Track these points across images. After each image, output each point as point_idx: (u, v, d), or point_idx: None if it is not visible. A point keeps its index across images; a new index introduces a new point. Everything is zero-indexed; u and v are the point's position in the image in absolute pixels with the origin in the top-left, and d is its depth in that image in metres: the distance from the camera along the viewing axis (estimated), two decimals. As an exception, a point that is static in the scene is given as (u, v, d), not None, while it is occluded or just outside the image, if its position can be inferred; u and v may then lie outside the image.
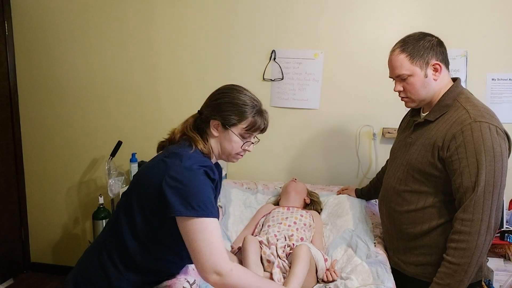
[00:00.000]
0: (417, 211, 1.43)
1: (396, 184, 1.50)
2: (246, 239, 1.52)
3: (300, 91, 2.38)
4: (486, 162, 1.25)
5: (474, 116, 1.29)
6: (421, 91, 1.40)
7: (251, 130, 1.21)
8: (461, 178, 1.28)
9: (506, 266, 2.01)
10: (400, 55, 1.39)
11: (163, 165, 1.11)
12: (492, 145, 1.25)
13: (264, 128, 1.24)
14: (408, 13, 2.20)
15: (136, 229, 1.13)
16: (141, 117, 2.61)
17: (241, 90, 1.22)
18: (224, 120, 1.18)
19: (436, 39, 1.41)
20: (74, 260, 3.06)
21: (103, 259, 1.16)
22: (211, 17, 2.42)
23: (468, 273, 1.26)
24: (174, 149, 1.16)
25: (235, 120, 1.18)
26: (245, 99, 1.20)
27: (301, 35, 2.33)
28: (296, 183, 2.14)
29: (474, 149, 1.26)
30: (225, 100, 1.19)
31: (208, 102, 1.24)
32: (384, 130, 2.29)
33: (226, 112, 1.18)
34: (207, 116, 1.20)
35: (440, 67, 1.39)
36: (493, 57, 2.15)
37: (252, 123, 1.19)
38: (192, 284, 1.26)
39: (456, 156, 1.29)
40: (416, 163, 1.41)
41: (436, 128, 1.38)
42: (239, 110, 1.18)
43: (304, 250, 1.45)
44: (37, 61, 2.68)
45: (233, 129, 1.19)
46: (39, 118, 2.75)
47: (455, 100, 1.38)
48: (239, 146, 1.21)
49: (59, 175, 2.79)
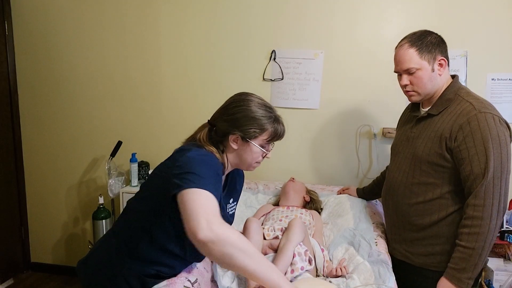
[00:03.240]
0: (425, 203, 1.48)
1: (403, 177, 1.54)
2: (248, 219, 1.54)
3: (300, 91, 2.38)
4: (494, 149, 1.31)
5: (479, 108, 1.35)
6: (428, 85, 1.45)
7: (273, 139, 1.24)
8: (470, 166, 1.33)
9: (506, 266, 2.01)
10: (409, 50, 1.43)
11: (173, 158, 1.15)
12: (497, 134, 1.32)
13: (283, 134, 1.26)
14: (408, 13, 2.21)
15: (144, 217, 1.17)
16: (141, 117, 2.62)
17: (254, 100, 1.22)
18: (244, 134, 1.19)
19: (439, 37, 1.47)
20: (74, 260, 3.08)
21: (110, 244, 1.21)
22: (211, 17, 2.42)
23: (482, 256, 1.31)
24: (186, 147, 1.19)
25: (257, 133, 1.19)
26: (262, 111, 1.20)
27: (301, 35, 2.34)
28: (294, 182, 2.14)
29: (482, 138, 1.32)
30: (242, 114, 1.19)
31: (223, 116, 1.22)
32: (384, 130, 2.29)
33: (245, 127, 1.18)
34: (225, 131, 1.20)
35: (445, 63, 1.45)
36: (493, 57, 2.16)
37: (273, 132, 1.22)
38: (193, 283, 1.25)
39: (465, 146, 1.34)
40: (423, 155, 1.46)
41: (441, 121, 1.43)
42: (259, 123, 1.19)
43: (297, 219, 1.53)
44: (37, 61, 2.69)
45: (254, 141, 1.20)
46: (39, 118, 2.75)
47: (456, 94, 1.44)
48: (259, 155, 1.24)
49: (59, 175, 2.79)
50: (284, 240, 1.46)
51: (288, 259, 1.38)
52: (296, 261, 1.39)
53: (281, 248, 1.43)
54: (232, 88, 2.45)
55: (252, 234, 1.48)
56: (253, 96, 1.23)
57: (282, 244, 1.44)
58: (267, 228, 1.63)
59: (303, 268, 1.39)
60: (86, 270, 1.26)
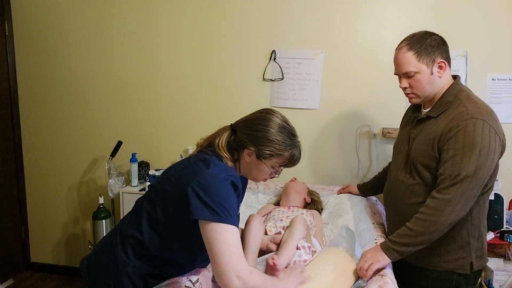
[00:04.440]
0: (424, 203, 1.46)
1: (404, 177, 1.55)
2: (251, 216, 1.54)
3: (300, 91, 2.38)
4: (472, 155, 1.30)
5: (472, 113, 1.35)
6: (427, 87, 1.45)
7: (287, 165, 1.26)
8: (445, 166, 1.35)
9: (506, 266, 2.01)
10: (407, 53, 1.43)
11: (192, 169, 1.16)
12: (481, 141, 1.30)
13: (298, 161, 1.27)
14: (408, 13, 2.21)
15: (156, 220, 1.18)
16: (141, 117, 2.62)
17: (277, 121, 1.21)
18: (260, 153, 1.20)
19: (440, 38, 1.45)
20: (74, 260, 3.08)
21: (115, 242, 1.22)
22: (211, 18, 2.42)
23: (417, 240, 1.35)
24: (205, 155, 1.20)
25: (272, 156, 1.21)
26: (283, 136, 1.20)
27: (301, 35, 2.34)
28: (295, 182, 2.14)
29: (464, 142, 1.31)
30: (262, 133, 1.19)
31: (245, 128, 1.23)
32: (384, 130, 2.29)
33: (263, 147, 1.19)
34: (243, 143, 1.21)
35: (445, 65, 1.44)
36: (493, 57, 2.16)
37: (288, 159, 1.23)
38: (195, 283, 1.25)
39: (447, 146, 1.36)
40: (418, 157, 1.47)
41: (438, 124, 1.43)
42: (277, 148, 1.19)
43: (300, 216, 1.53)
44: (37, 61, 2.69)
45: (267, 162, 1.22)
46: (39, 118, 2.75)
47: (456, 97, 1.44)
48: (267, 174, 1.26)
49: (59, 175, 2.79)
50: (287, 235, 1.46)
51: (291, 252, 1.39)
52: (301, 253, 1.40)
53: (284, 242, 1.44)
54: (232, 88, 2.45)
55: (253, 229, 1.48)
56: (277, 117, 1.23)
57: (285, 239, 1.45)
58: (269, 225, 1.63)
59: (306, 261, 1.39)
60: (89, 268, 1.26)
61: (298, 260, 1.39)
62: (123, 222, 1.27)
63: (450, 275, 1.48)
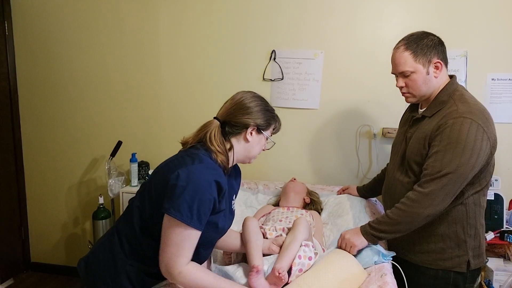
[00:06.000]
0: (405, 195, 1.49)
1: (400, 176, 1.57)
2: (247, 218, 1.55)
3: (300, 91, 2.38)
4: (455, 152, 1.32)
5: (462, 112, 1.37)
6: (423, 87, 1.47)
7: (275, 132, 1.37)
8: (428, 161, 1.39)
9: (506, 266, 2.01)
10: (404, 53, 1.44)
11: (178, 162, 1.17)
12: (466, 138, 1.32)
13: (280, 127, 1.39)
14: (408, 13, 2.21)
15: (145, 216, 1.19)
16: (141, 117, 2.62)
17: (262, 97, 1.33)
18: (261, 125, 1.28)
19: (437, 38, 1.47)
20: (74, 260, 3.07)
21: (113, 241, 1.23)
22: (211, 18, 2.42)
23: (393, 228, 1.42)
24: (193, 150, 1.23)
25: (269, 126, 1.31)
26: (269, 106, 1.33)
27: (301, 35, 2.34)
28: (295, 183, 2.14)
29: (448, 139, 1.34)
30: (258, 108, 1.28)
31: (240, 110, 1.26)
32: (384, 130, 2.29)
33: (262, 119, 1.28)
34: (245, 123, 1.25)
35: (441, 65, 1.45)
36: (493, 57, 2.16)
37: (277, 126, 1.36)
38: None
39: (433, 143, 1.39)
40: (412, 155, 1.49)
41: (430, 123, 1.46)
42: (270, 116, 1.31)
43: (303, 218, 1.55)
44: (37, 61, 2.69)
45: (266, 133, 1.31)
46: (39, 118, 2.75)
47: (450, 97, 1.45)
48: (262, 147, 1.33)
49: (59, 175, 2.79)
50: (290, 238, 1.46)
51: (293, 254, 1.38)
52: (305, 250, 1.40)
53: (287, 245, 1.43)
54: (232, 88, 2.41)
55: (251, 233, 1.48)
56: (248, 92, 1.33)
57: (288, 242, 1.45)
58: (268, 228, 1.63)
59: (311, 258, 1.40)
60: (87, 268, 1.26)
61: (303, 255, 1.38)
62: (119, 222, 1.28)
63: (447, 274, 1.49)
